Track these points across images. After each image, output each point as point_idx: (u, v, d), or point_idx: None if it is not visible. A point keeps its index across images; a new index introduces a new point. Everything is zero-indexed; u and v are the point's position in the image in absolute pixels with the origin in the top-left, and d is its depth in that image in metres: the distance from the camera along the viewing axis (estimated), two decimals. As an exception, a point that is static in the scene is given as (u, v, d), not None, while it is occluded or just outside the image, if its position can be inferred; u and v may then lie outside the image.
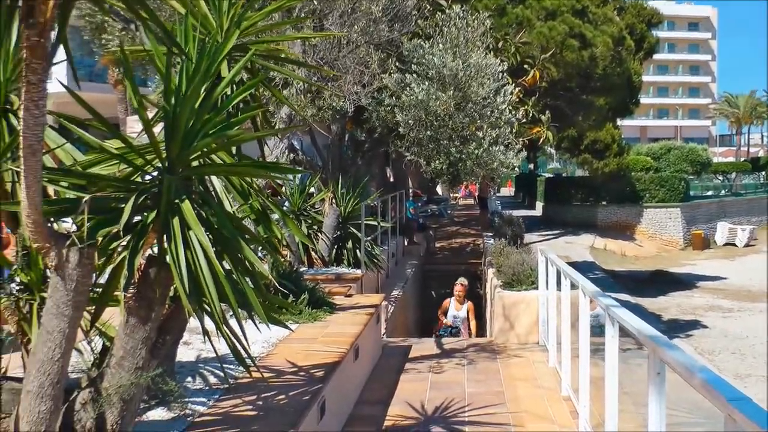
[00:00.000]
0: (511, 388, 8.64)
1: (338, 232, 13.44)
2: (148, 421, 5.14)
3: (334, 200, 13.33)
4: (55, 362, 4.14)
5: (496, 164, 13.06)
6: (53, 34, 3.83)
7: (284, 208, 10.41)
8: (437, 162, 13.20)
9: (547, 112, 20.13)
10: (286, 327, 5.31)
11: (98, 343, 5.24)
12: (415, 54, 12.79)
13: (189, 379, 6.18)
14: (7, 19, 3.76)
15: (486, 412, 7.65)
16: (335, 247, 13.41)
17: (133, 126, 13.93)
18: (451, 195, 51.04)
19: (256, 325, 4.68)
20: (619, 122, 44.04)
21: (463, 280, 14.48)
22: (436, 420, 7.46)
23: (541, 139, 20.33)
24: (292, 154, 13.55)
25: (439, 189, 45.81)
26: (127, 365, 4.39)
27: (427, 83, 12.51)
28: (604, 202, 47.75)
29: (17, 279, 4.97)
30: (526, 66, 19.56)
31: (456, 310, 14.07)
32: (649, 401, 4.54)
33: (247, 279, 4.37)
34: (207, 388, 6.02)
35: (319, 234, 13.11)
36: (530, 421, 7.48)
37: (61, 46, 3.91)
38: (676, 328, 27.68)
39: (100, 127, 4.61)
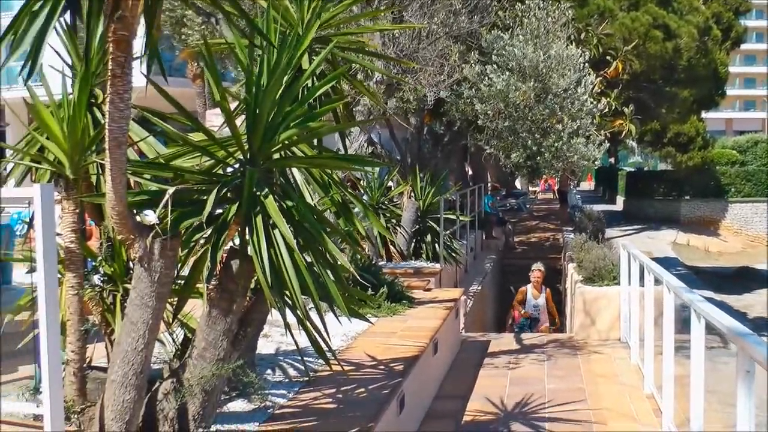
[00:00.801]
0: (592, 385, 8.47)
1: (417, 226, 13.37)
2: (229, 412, 5.16)
3: (412, 194, 13.27)
4: (139, 352, 4.18)
5: (577, 157, 12.85)
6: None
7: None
8: (516, 154, 13.06)
9: (629, 104, 19.74)
10: (367, 320, 5.29)
11: (180, 334, 5.29)
12: (495, 45, 12.66)
13: (269, 371, 6.20)
14: (92, 13, 3.79)
15: (567, 408, 7.51)
16: (414, 240, 13.35)
17: (212, 120, 14.04)
18: (530, 189, 50.53)
19: (337, 318, 4.66)
20: (703, 114, 42.89)
21: (539, 266, 14.10)
22: (515, 416, 7.35)
23: (624, 132, 19.93)
24: (371, 147, 13.55)
25: (518, 183, 45.41)
26: (209, 356, 4.41)
27: (507, 74, 12.37)
28: (687, 197, 46.56)
29: (101, 270, 5.04)
30: (608, 57, 19.15)
31: (534, 298, 13.67)
32: (738, 400, 4.38)
33: (328, 271, 4.35)
34: (287, 380, 6.03)
35: (398, 228, 13.07)
36: (612, 418, 7.32)
37: (142, 40, 3.94)
38: (763, 326, 26.84)
39: (183, 121, 4.64)
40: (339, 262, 4.40)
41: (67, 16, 4.59)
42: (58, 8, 3.63)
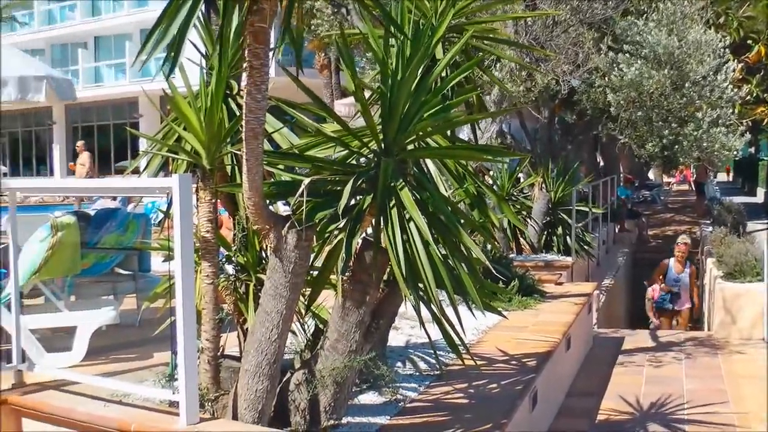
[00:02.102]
0: (734, 386, 8.09)
1: (548, 218, 13.12)
2: (360, 404, 5.14)
3: (543, 185, 13.02)
4: (273, 342, 4.20)
5: (717, 147, 12.35)
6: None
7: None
8: (651, 144, 12.66)
9: (772, 91, 18.86)
10: (502, 315, 5.16)
11: (311, 324, 5.30)
12: (629, 32, 12.28)
13: (399, 364, 6.15)
14: (229, 5, 3.81)
15: (707, 410, 7.19)
16: (544, 233, 13.10)
17: (340, 110, 14.15)
18: (664, 180, 49.03)
19: (471, 311, 4.56)
20: None
21: (685, 238, 13.52)
22: (652, 416, 7.09)
23: (766, 120, 19.09)
24: (501, 138, 13.36)
25: (651, 174, 44.17)
26: (341, 348, 4.39)
27: (639, 62, 11.98)
28: (835, 189, 44.22)
29: (234, 260, 5.09)
30: (749, 42, 18.34)
31: (677, 272, 13.08)
32: None
33: (462, 264, 4.26)
34: (417, 373, 5.98)
35: (528, 220, 12.85)
36: (758, 423, 6.96)
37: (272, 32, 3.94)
38: None
39: (314, 110, 4.64)
40: (473, 255, 4.30)
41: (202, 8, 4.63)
42: (199, 3, 3.65)
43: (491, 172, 13.02)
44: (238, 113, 4.95)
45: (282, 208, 4.83)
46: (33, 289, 6.46)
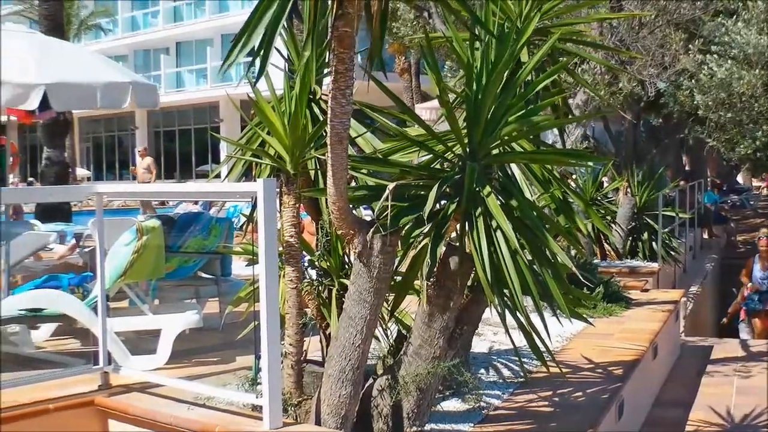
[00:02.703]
0: (831, 399, 7.78)
1: (633, 223, 12.84)
2: (443, 411, 5.08)
3: (628, 189, 12.75)
4: (357, 348, 4.18)
5: (812, 150, 11.99)
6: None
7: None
8: (742, 147, 12.33)
9: None
10: (587, 322, 5.05)
11: (394, 330, 5.27)
12: (717, 33, 11.99)
13: (482, 370, 6.07)
14: (315, 11, 3.80)
15: (804, 424, 6.94)
16: (629, 238, 12.83)
17: (421, 114, 14.07)
18: (754, 184, 47.71)
19: (558, 318, 4.47)
20: None
21: (766, 231, 13.07)
22: (745, 429, 6.86)
23: None
24: (586, 142, 13.15)
25: (739, 178, 43.05)
26: (424, 354, 4.35)
27: (729, 63, 11.69)
28: None
29: (317, 265, 5.09)
30: None
31: (763, 270, 12.60)
32: None
33: (548, 270, 4.17)
34: (501, 381, 5.89)
35: (612, 225, 12.60)
36: None
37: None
38: None
39: (396, 115, 4.61)
40: (559, 260, 4.22)
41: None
42: (286, 8, 3.65)
43: (574, 176, 12.81)
44: (321, 118, 4.96)
45: (364, 213, 4.81)
46: (118, 292, 6.56)
